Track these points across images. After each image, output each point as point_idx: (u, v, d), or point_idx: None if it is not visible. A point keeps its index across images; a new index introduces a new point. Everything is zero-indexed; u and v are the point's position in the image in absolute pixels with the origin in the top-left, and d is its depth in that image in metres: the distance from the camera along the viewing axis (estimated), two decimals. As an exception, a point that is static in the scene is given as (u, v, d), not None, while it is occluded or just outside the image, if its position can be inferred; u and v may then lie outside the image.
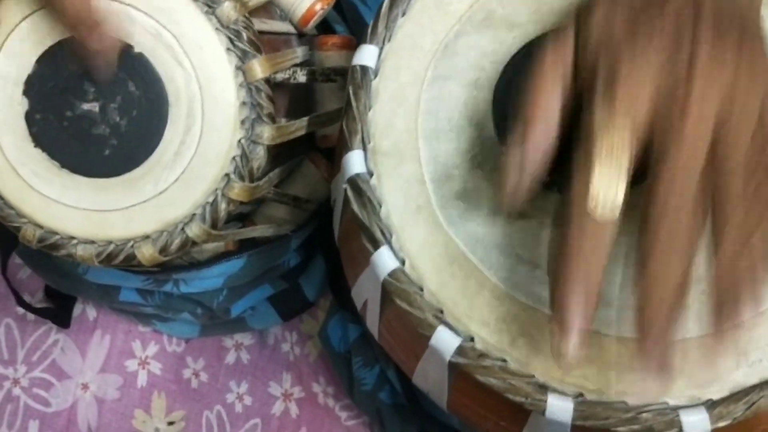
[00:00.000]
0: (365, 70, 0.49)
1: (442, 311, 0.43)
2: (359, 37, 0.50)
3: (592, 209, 0.37)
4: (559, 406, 0.40)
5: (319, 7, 0.58)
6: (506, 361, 0.42)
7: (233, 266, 0.64)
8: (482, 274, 0.44)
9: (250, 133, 0.53)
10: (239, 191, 0.54)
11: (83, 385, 0.73)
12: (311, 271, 0.72)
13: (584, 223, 0.37)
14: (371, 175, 0.47)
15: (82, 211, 0.55)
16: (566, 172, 0.43)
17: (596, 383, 0.41)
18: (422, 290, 0.44)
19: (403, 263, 0.45)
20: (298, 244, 0.67)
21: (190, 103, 0.53)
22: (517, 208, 0.41)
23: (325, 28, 0.65)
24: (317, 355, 0.72)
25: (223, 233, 0.56)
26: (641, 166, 0.38)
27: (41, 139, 0.54)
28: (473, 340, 0.43)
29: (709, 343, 0.38)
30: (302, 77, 0.57)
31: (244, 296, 0.68)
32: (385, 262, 0.44)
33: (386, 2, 0.50)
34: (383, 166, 0.47)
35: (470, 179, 0.46)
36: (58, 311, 0.74)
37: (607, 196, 0.37)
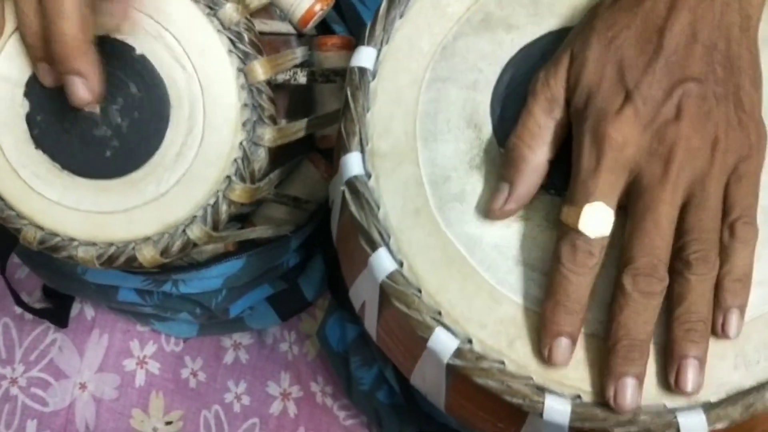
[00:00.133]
0: (363, 71, 0.49)
1: (440, 313, 0.43)
2: (358, 36, 0.50)
3: (584, 230, 0.40)
4: (556, 408, 0.40)
5: (318, 8, 0.58)
6: (504, 363, 0.42)
7: (232, 267, 0.64)
8: (480, 276, 0.44)
9: (251, 134, 0.53)
10: (240, 193, 0.54)
11: (81, 384, 0.73)
12: (310, 271, 0.72)
13: (577, 241, 0.41)
14: (369, 176, 0.47)
15: (82, 212, 0.55)
16: (562, 174, 0.44)
17: (594, 385, 0.41)
18: (420, 292, 0.44)
19: (401, 265, 0.45)
20: (297, 244, 0.67)
21: (191, 104, 0.53)
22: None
23: (324, 28, 0.65)
24: (315, 354, 0.72)
25: (224, 235, 0.56)
26: None
27: (42, 140, 0.54)
28: (471, 342, 0.43)
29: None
30: (302, 78, 0.57)
31: (243, 296, 0.69)
32: (383, 263, 0.44)
33: (384, 4, 0.50)
34: (381, 167, 0.47)
35: (468, 181, 0.46)
36: (56, 311, 0.74)
37: (599, 220, 0.40)
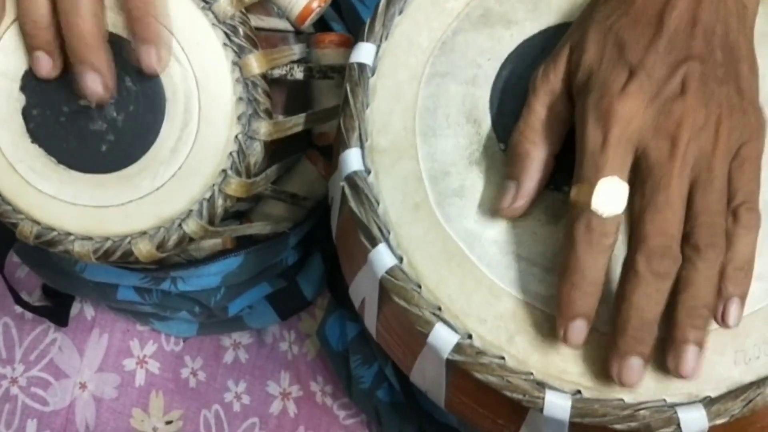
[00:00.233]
0: (363, 67, 0.49)
1: (439, 308, 0.43)
2: (356, 35, 0.50)
3: (597, 209, 0.39)
4: (556, 403, 0.40)
5: (316, 5, 0.58)
6: (504, 358, 0.42)
7: (231, 264, 0.64)
8: (480, 271, 0.44)
9: (246, 128, 0.53)
10: (236, 187, 0.54)
11: (81, 384, 0.73)
12: (309, 269, 0.72)
13: (591, 221, 0.39)
14: (369, 172, 0.47)
15: (79, 207, 0.54)
16: (561, 169, 0.44)
17: (594, 380, 0.41)
18: (420, 287, 0.44)
19: (400, 260, 0.44)
20: (295, 241, 0.67)
21: (186, 98, 0.53)
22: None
23: (322, 26, 0.65)
24: (315, 353, 0.72)
25: (220, 229, 0.56)
26: None
27: (38, 134, 0.54)
28: (471, 337, 0.43)
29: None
30: (299, 74, 0.56)
31: (241, 294, 0.68)
32: (382, 259, 0.44)
33: (383, 0, 0.50)
34: (381, 163, 0.47)
35: (468, 176, 0.46)
36: (55, 310, 0.74)
37: (611, 197, 0.39)
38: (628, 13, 0.42)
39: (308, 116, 0.57)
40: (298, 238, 0.67)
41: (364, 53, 0.49)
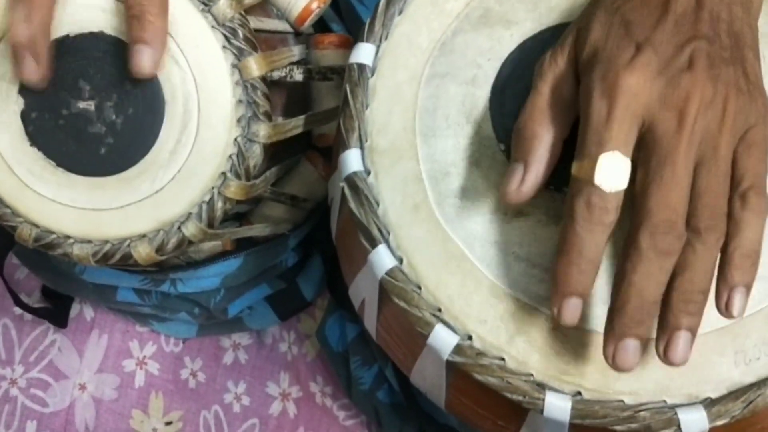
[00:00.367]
0: (362, 68, 0.49)
1: (439, 309, 0.43)
2: (356, 35, 0.50)
3: (599, 183, 0.38)
4: (557, 404, 0.40)
5: (315, 6, 0.58)
6: (504, 359, 0.42)
7: (230, 266, 0.64)
8: (480, 272, 0.44)
9: (246, 131, 0.53)
10: (236, 189, 0.54)
11: (81, 385, 0.73)
12: (309, 270, 0.72)
13: (592, 195, 0.38)
14: (368, 173, 0.47)
15: (78, 210, 0.54)
16: (562, 170, 0.43)
17: (594, 382, 0.41)
18: (420, 288, 0.44)
19: (400, 261, 0.44)
20: (295, 243, 0.67)
21: (186, 101, 0.52)
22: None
23: (321, 26, 0.65)
24: (315, 354, 0.72)
25: (219, 232, 0.56)
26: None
27: (37, 137, 0.54)
28: (471, 338, 0.43)
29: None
30: (299, 75, 0.56)
31: (241, 296, 0.68)
32: (382, 260, 0.44)
33: (383, 0, 0.50)
34: (381, 164, 0.47)
35: (468, 177, 0.46)
36: (55, 311, 0.74)
37: (614, 171, 0.38)
38: None
39: (308, 118, 0.57)
40: (297, 239, 0.67)
41: (363, 54, 0.49)
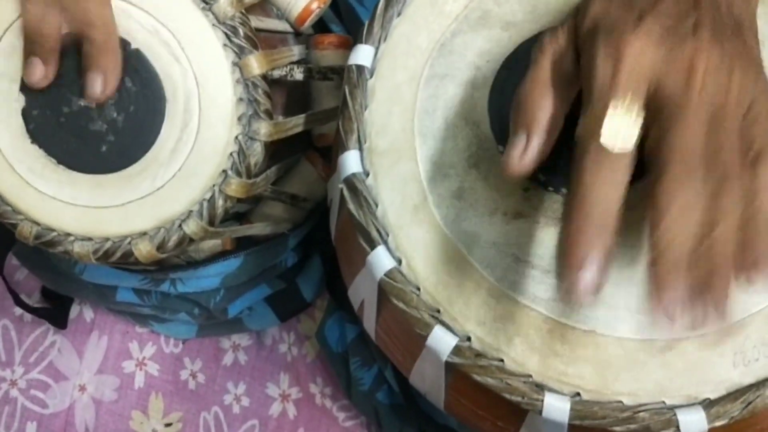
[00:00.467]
0: (361, 69, 0.49)
1: (438, 311, 0.43)
2: (355, 36, 0.50)
3: (606, 143, 0.36)
4: (555, 405, 0.40)
5: (315, 6, 0.58)
6: (503, 360, 0.42)
7: (230, 265, 0.64)
8: (479, 273, 0.44)
9: (247, 129, 0.53)
10: (236, 187, 0.54)
11: (80, 386, 0.73)
12: (308, 270, 0.72)
13: (599, 155, 0.36)
14: (367, 174, 0.47)
15: (78, 207, 0.55)
16: (561, 171, 0.43)
17: (593, 383, 0.41)
18: (419, 290, 0.44)
19: (399, 263, 0.44)
20: (295, 242, 0.67)
21: (187, 99, 0.53)
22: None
23: (321, 27, 0.65)
24: (315, 355, 0.72)
25: (220, 230, 0.56)
26: (637, 162, 0.38)
27: (38, 135, 0.54)
28: (470, 339, 0.42)
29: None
30: (299, 75, 0.57)
31: (241, 296, 0.68)
32: (381, 261, 0.44)
33: (382, 2, 0.50)
34: (379, 165, 0.47)
35: (466, 178, 0.46)
36: (55, 312, 0.74)
37: (621, 130, 0.36)
38: None
39: (308, 117, 0.57)
40: (297, 239, 0.67)
41: (362, 55, 0.49)
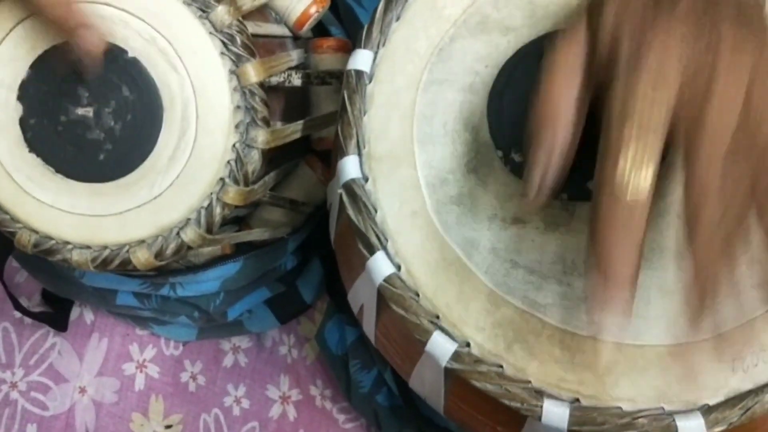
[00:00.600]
0: (360, 74, 0.49)
1: (437, 317, 0.43)
2: (355, 38, 0.50)
3: (619, 193, 0.36)
4: (555, 411, 0.40)
5: (314, 10, 0.58)
6: (502, 366, 0.42)
7: (230, 269, 0.64)
8: (478, 279, 0.44)
9: (244, 137, 0.53)
10: (234, 195, 0.54)
11: (81, 388, 0.73)
12: (308, 273, 0.72)
13: (614, 205, 0.36)
14: (366, 180, 0.47)
15: (77, 215, 0.54)
16: (565, 178, 0.43)
17: (592, 389, 0.41)
18: (418, 295, 0.44)
19: (398, 268, 0.44)
20: (294, 246, 0.67)
21: (184, 107, 0.53)
22: (537, 209, 0.41)
23: (320, 30, 0.65)
24: (315, 357, 0.72)
25: (218, 237, 0.56)
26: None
27: (36, 144, 0.54)
28: (469, 345, 0.42)
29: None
30: (297, 80, 0.56)
31: (241, 299, 0.68)
32: (380, 267, 0.44)
33: (380, 7, 0.50)
34: (378, 170, 0.47)
35: (465, 184, 0.46)
36: (55, 315, 0.74)
37: (636, 179, 0.36)
38: None
39: (306, 123, 0.57)
40: (296, 243, 0.67)
41: (361, 60, 0.49)
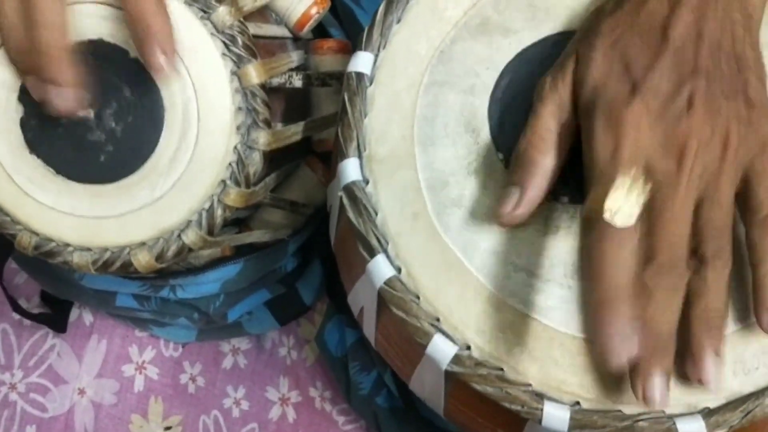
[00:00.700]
0: (360, 76, 0.48)
1: (438, 319, 0.43)
2: (355, 40, 0.50)
3: (609, 219, 0.39)
4: (555, 414, 0.40)
5: (314, 11, 0.58)
6: (503, 369, 0.42)
7: (230, 271, 0.64)
8: (479, 282, 0.44)
9: (245, 138, 0.53)
10: (235, 197, 0.54)
11: (80, 390, 0.73)
12: (308, 275, 0.72)
13: (604, 231, 0.39)
14: (367, 182, 0.47)
15: (77, 217, 0.54)
16: (560, 180, 0.43)
17: (592, 392, 0.41)
18: (418, 298, 0.44)
19: (399, 271, 0.44)
20: (295, 248, 0.67)
21: (185, 108, 0.52)
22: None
23: (321, 32, 0.65)
24: (314, 359, 0.72)
25: (219, 239, 0.56)
26: None
27: (36, 145, 0.54)
28: (469, 348, 0.42)
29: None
30: (298, 82, 0.56)
31: (241, 301, 0.68)
32: (381, 270, 0.44)
33: (381, 9, 0.50)
34: (379, 173, 0.47)
35: (466, 186, 0.46)
36: (54, 316, 0.74)
37: (624, 207, 0.39)
38: (632, 26, 0.42)
39: (307, 124, 0.57)
40: (297, 245, 0.67)
41: (361, 62, 0.49)
